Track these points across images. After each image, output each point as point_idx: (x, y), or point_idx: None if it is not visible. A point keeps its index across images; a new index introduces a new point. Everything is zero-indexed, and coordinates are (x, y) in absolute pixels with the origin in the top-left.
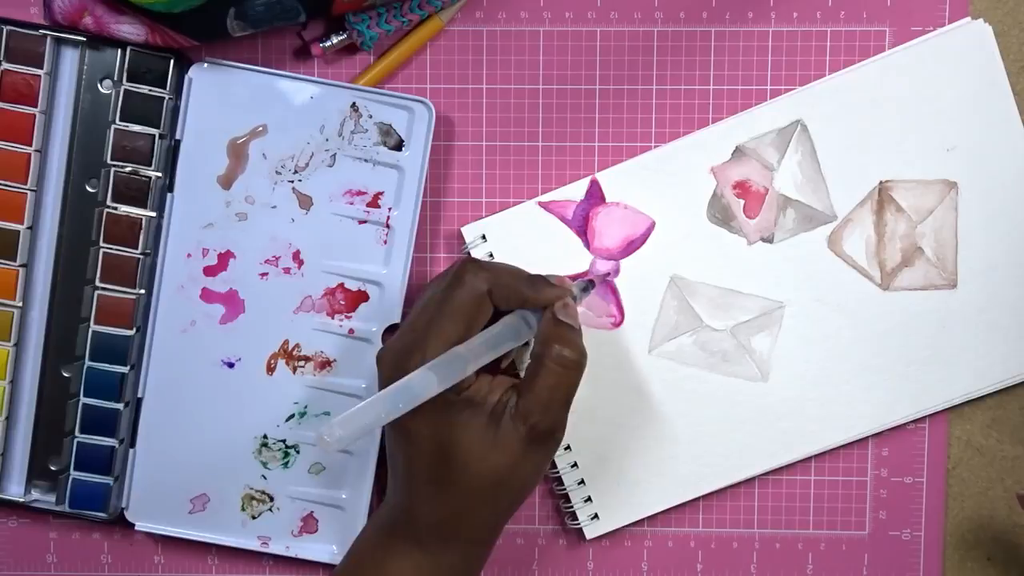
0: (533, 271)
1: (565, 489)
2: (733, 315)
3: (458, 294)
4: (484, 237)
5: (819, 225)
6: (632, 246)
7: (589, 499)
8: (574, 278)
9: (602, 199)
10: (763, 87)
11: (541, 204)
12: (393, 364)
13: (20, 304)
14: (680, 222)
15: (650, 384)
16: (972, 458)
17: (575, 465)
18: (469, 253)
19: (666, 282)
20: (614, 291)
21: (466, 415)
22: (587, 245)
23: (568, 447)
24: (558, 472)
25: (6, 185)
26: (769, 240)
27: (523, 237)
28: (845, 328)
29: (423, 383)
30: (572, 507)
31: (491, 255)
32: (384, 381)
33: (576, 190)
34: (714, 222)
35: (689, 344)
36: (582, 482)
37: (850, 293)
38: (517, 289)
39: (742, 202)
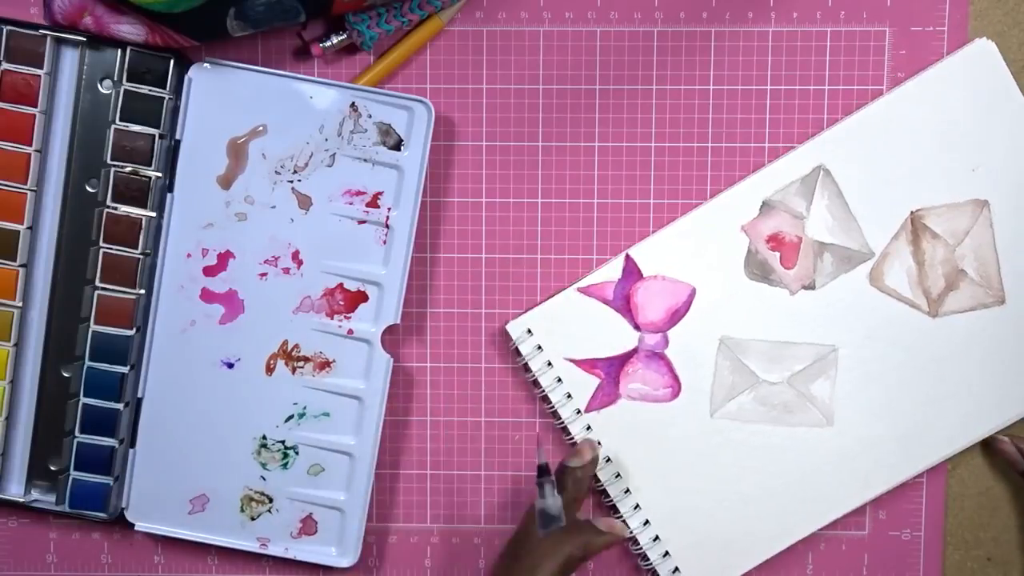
0: (583, 357)
1: (652, 564)
2: (788, 366)
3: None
4: (530, 331)
5: (858, 264)
6: (677, 315)
7: (677, 569)
8: (624, 358)
9: (639, 274)
10: (763, 87)
11: (580, 290)
12: None
13: (20, 304)
14: (720, 284)
15: (718, 447)
16: (972, 458)
17: (657, 539)
18: (517, 349)
19: (716, 345)
20: (667, 363)
21: None
22: (632, 322)
23: (647, 521)
24: (641, 548)
25: (6, 185)
26: (811, 287)
27: (569, 325)
28: (901, 361)
29: None
30: None
31: (539, 348)
32: None
33: (612, 270)
34: (754, 278)
35: (749, 401)
36: (667, 554)
37: (900, 325)
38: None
39: (778, 254)
